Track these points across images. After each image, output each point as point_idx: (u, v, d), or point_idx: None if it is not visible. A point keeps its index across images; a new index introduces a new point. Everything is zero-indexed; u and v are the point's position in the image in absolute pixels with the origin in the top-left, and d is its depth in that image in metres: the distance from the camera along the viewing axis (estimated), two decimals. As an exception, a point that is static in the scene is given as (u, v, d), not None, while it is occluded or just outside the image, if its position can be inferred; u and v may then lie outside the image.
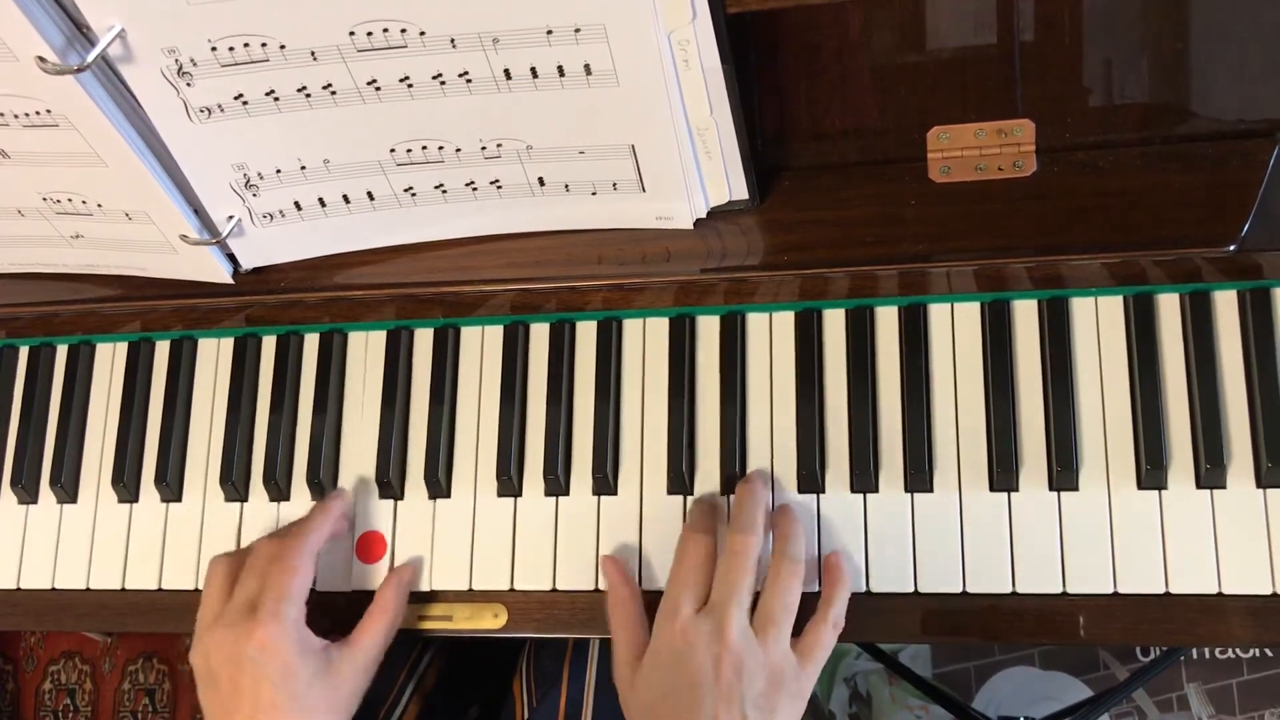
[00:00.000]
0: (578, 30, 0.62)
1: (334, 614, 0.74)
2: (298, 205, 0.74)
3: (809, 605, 0.69)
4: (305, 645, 0.68)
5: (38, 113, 0.67)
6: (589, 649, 0.82)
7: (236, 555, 0.73)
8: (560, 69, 0.64)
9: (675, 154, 0.69)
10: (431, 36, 0.63)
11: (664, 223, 0.74)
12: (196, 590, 0.79)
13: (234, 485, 0.80)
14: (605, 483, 0.75)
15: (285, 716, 0.66)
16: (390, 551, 0.77)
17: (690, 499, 0.74)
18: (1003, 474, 0.70)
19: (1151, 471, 0.68)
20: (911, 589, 0.70)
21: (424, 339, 0.80)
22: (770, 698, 0.64)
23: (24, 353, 0.87)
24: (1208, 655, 0.97)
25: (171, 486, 0.81)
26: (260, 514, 0.80)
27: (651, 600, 0.70)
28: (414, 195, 0.74)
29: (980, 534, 0.70)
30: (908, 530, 0.71)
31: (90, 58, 0.62)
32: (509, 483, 0.76)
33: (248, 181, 0.72)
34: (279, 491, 0.80)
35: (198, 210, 0.74)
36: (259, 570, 0.70)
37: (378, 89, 0.66)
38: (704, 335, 0.76)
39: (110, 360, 0.85)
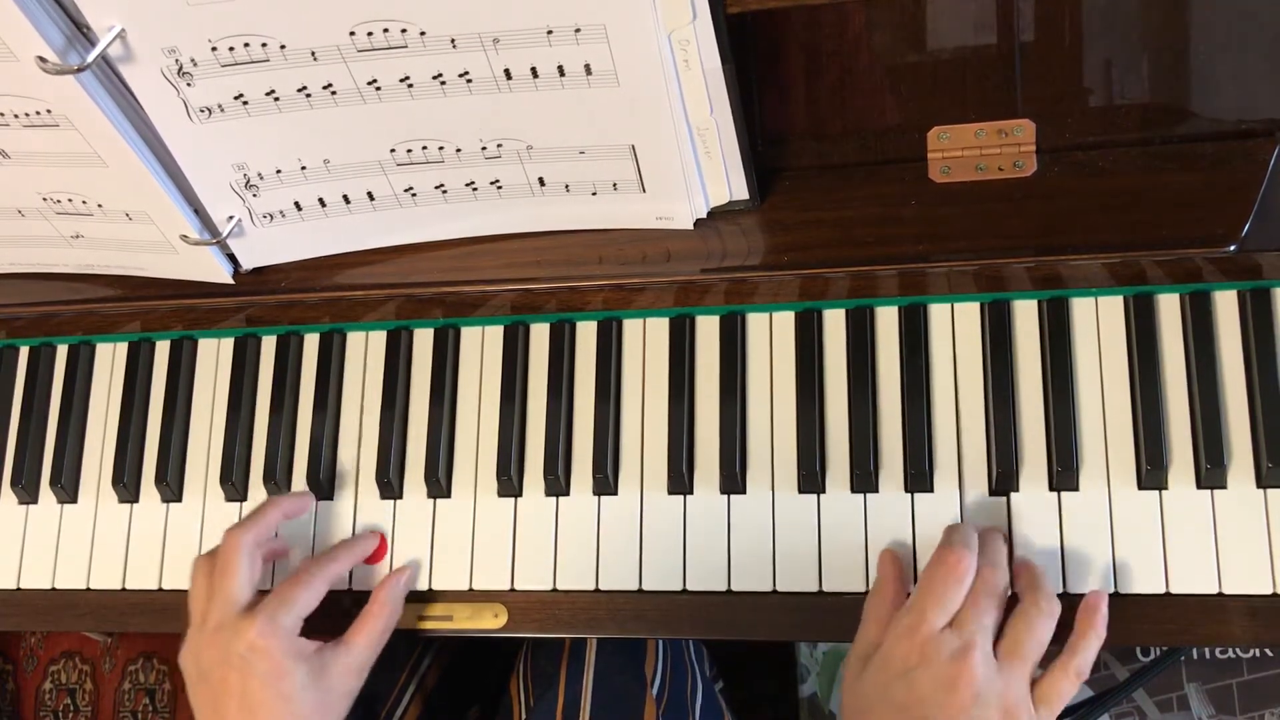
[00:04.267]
0: (578, 30, 0.62)
1: (336, 614, 0.74)
2: (298, 205, 0.74)
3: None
4: (297, 650, 0.68)
5: (38, 113, 0.67)
6: (585, 650, 0.82)
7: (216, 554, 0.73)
8: (560, 69, 0.64)
9: (675, 154, 0.69)
10: (432, 37, 0.63)
11: (664, 223, 0.74)
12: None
13: (234, 485, 0.80)
14: (605, 483, 0.75)
15: (275, 717, 0.66)
16: (391, 552, 0.77)
17: (690, 499, 0.74)
18: (1003, 474, 0.70)
19: (1152, 471, 0.68)
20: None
21: (424, 339, 0.80)
22: None
23: (24, 353, 0.87)
24: (1208, 655, 0.96)
25: (172, 486, 0.81)
26: (260, 514, 0.80)
27: (655, 600, 0.70)
28: (414, 195, 0.74)
29: (980, 534, 0.70)
30: (908, 530, 0.71)
31: (90, 58, 0.62)
32: (509, 483, 0.76)
33: (248, 182, 0.72)
34: (279, 491, 0.79)
35: (198, 210, 0.74)
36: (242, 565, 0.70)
37: (378, 89, 0.66)
38: (704, 335, 0.76)
39: (110, 360, 0.85)
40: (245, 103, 0.67)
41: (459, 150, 0.70)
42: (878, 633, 0.66)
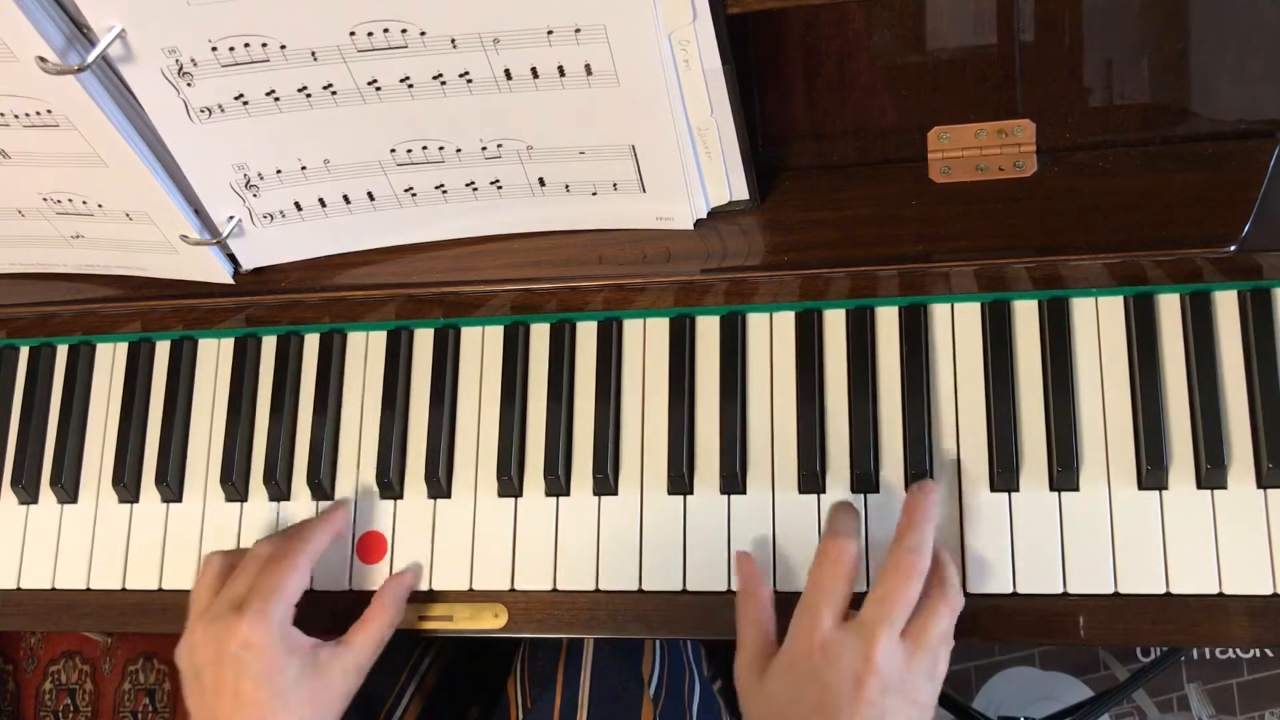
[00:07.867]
0: (578, 30, 0.62)
1: (336, 614, 0.75)
2: (298, 205, 0.74)
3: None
4: (291, 643, 0.68)
5: (38, 113, 0.67)
6: (583, 652, 0.82)
7: (232, 553, 0.73)
8: (561, 69, 0.64)
9: (676, 154, 0.69)
10: (432, 37, 0.63)
11: (664, 223, 0.74)
12: (197, 590, 0.79)
13: (234, 485, 0.80)
14: (606, 483, 0.75)
15: (268, 714, 0.65)
16: (390, 552, 0.77)
17: (690, 499, 0.74)
18: (1003, 474, 0.70)
19: (1152, 472, 0.68)
20: (912, 589, 0.70)
21: (424, 339, 0.80)
22: None
23: (24, 353, 0.87)
24: (1208, 655, 0.97)
25: (172, 486, 0.81)
26: (260, 514, 0.80)
27: (655, 600, 0.70)
28: (414, 195, 0.74)
29: (981, 534, 0.70)
30: (908, 530, 0.71)
31: (90, 58, 0.62)
32: (509, 483, 0.76)
33: (248, 182, 0.72)
34: (279, 491, 0.80)
35: (198, 210, 0.74)
36: (252, 570, 0.70)
37: (378, 89, 0.66)
38: (704, 335, 0.76)
39: (110, 360, 0.85)
40: (245, 103, 0.67)
41: (459, 150, 0.70)
42: (757, 635, 0.66)
